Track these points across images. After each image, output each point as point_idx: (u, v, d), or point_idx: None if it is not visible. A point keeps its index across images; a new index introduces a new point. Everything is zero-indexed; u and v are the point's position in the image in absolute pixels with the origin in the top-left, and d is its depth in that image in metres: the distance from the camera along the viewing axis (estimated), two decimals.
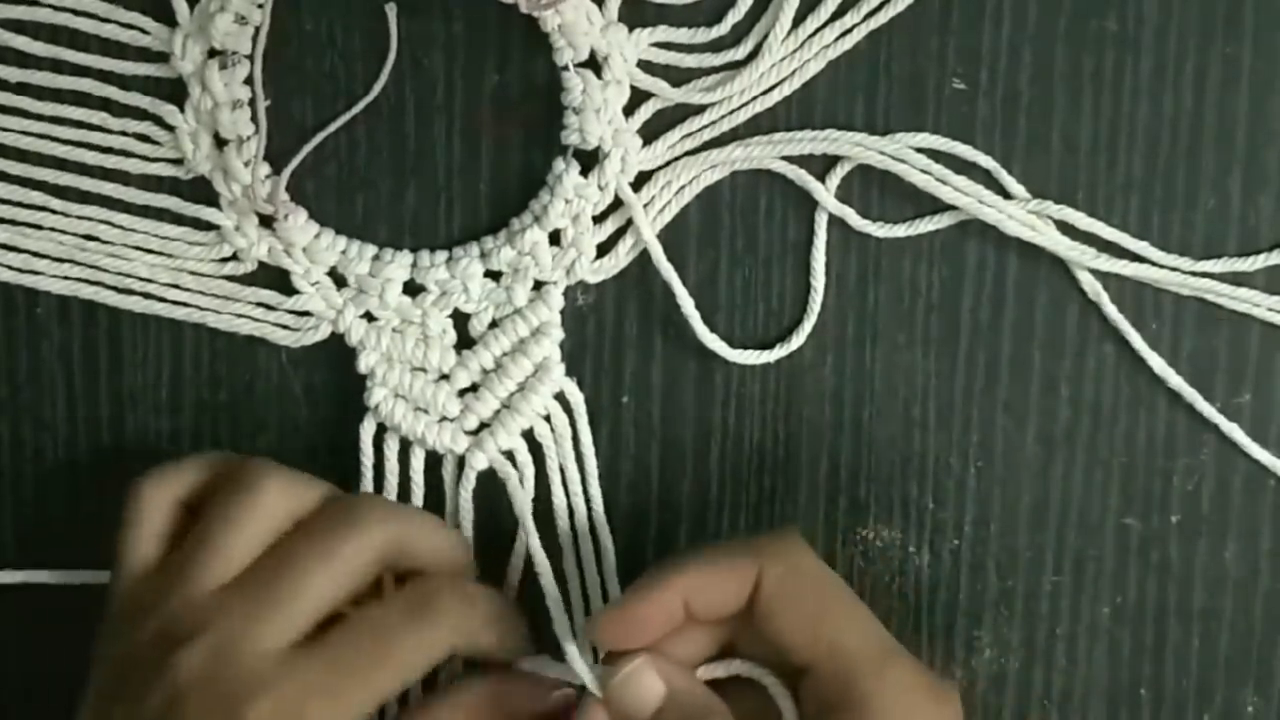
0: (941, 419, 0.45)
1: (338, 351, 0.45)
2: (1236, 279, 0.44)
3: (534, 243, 0.44)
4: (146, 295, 0.45)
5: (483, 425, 0.45)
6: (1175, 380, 0.44)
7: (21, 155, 0.45)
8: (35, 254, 0.45)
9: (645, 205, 0.44)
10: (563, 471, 0.45)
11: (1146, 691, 0.46)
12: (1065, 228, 0.44)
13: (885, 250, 0.45)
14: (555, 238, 0.45)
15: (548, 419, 0.45)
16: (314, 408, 0.46)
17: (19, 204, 0.45)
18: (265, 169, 0.44)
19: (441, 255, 0.45)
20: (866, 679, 0.40)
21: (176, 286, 0.45)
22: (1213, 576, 0.45)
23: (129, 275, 0.45)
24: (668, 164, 0.44)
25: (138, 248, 0.45)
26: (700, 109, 0.44)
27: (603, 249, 0.45)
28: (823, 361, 0.45)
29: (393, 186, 0.45)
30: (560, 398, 0.45)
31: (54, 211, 0.45)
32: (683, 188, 0.44)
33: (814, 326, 0.45)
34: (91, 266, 0.45)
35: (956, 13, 0.44)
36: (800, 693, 0.41)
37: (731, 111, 0.44)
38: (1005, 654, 0.46)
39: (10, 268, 0.45)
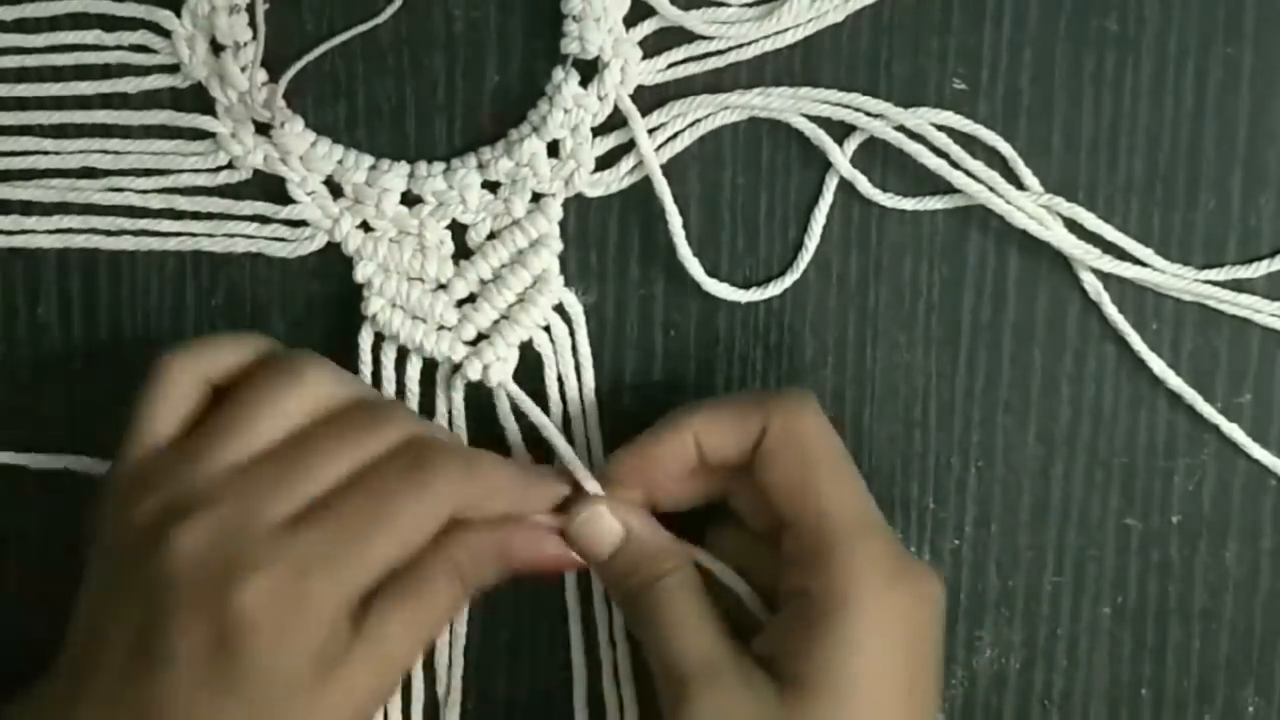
0: (941, 419, 0.45)
1: (334, 263, 0.45)
2: (1238, 285, 0.44)
3: (532, 153, 0.44)
4: (139, 233, 0.45)
5: (481, 336, 0.45)
6: (1175, 381, 0.44)
7: (17, 102, 0.45)
8: (25, 212, 0.45)
9: (653, 131, 0.44)
10: (561, 383, 0.45)
11: (1147, 691, 0.46)
12: (1071, 226, 0.44)
13: (886, 249, 0.45)
14: (554, 149, 0.44)
15: (547, 330, 0.45)
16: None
17: (11, 153, 0.45)
18: (262, 75, 0.44)
19: (439, 166, 0.45)
20: (840, 547, 0.39)
21: (171, 213, 0.45)
22: (1213, 576, 0.45)
23: (122, 209, 0.45)
24: (685, 90, 0.44)
25: (133, 170, 0.45)
26: (709, 37, 0.44)
27: (605, 164, 0.45)
28: (823, 362, 0.45)
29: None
30: (560, 309, 0.45)
31: (47, 152, 0.45)
32: (695, 121, 0.44)
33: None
34: (84, 210, 0.45)
35: (957, 13, 0.44)
36: (782, 544, 0.41)
37: (739, 46, 0.44)
38: (1006, 654, 0.46)
39: (2, 232, 0.45)
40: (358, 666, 0.39)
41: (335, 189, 0.45)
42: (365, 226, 0.45)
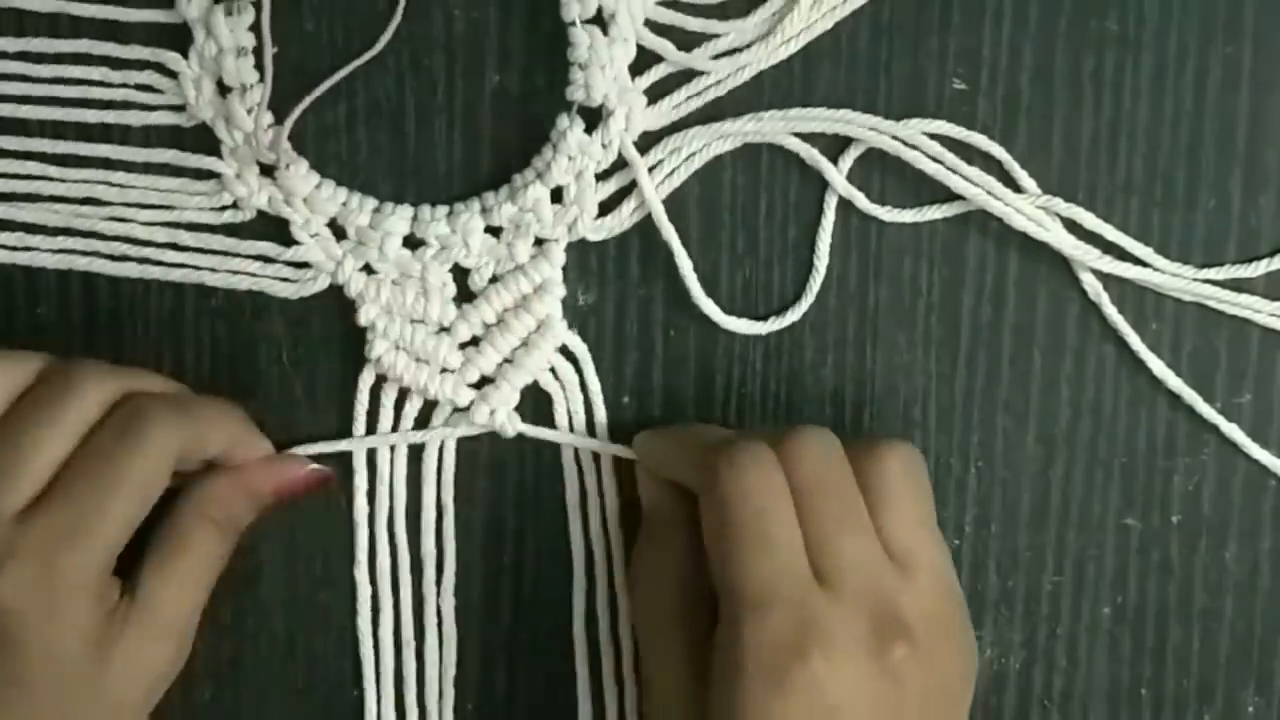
0: (941, 419, 0.45)
1: (336, 305, 0.45)
2: (1237, 284, 0.44)
3: (536, 199, 0.44)
4: (143, 261, 0.45)
5: (485, 379, 0.45)
6: (1175, 381, 0.44)
7: (21, 126, 0.45)
8: (29, 230, 0.45)
9: (652, 169, 0.44)
10: (570, 420, 0.45)
11: (1147, 691, 0.46)
12: (1071, 226, 0.44)
13: (886, 250, 0.45)
14: (558, 195, 0.44)
15: (553, 372, 0.45)
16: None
17: (15, 175, 0.45)
18: (268, 117, 0.44)
19: (442, 210, 0.45)
20: (728, 619, 0.39)
21: (174, 246, 0.45)
22: (1213, 577, 0.45)
23: (126, 239, 0.45)
24: (677, 130, 0.44)
25: (136, 204, 0.45)
26: (705, 73, 0.44)
27: (607, 209, 0.45)
28: (823, 362, 0.45)
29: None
30: (564, 351, 0.45)
31: (51, 179, 0.45)
32: (692, 155, 0.44)
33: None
34: (88, 235, 0.45)
35: (957, 12, 0.44)
36: None
37: (737, 71, 0.44)
38: (1005, 654, 0.46)
39: (5, 247, 0.45)
40: (133, 636, 0.40)
41: (339, 231, 0.45)
42: (368, 269, 0.45)
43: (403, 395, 0.45)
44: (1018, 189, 0.44)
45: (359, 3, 0.44)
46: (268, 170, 0.45)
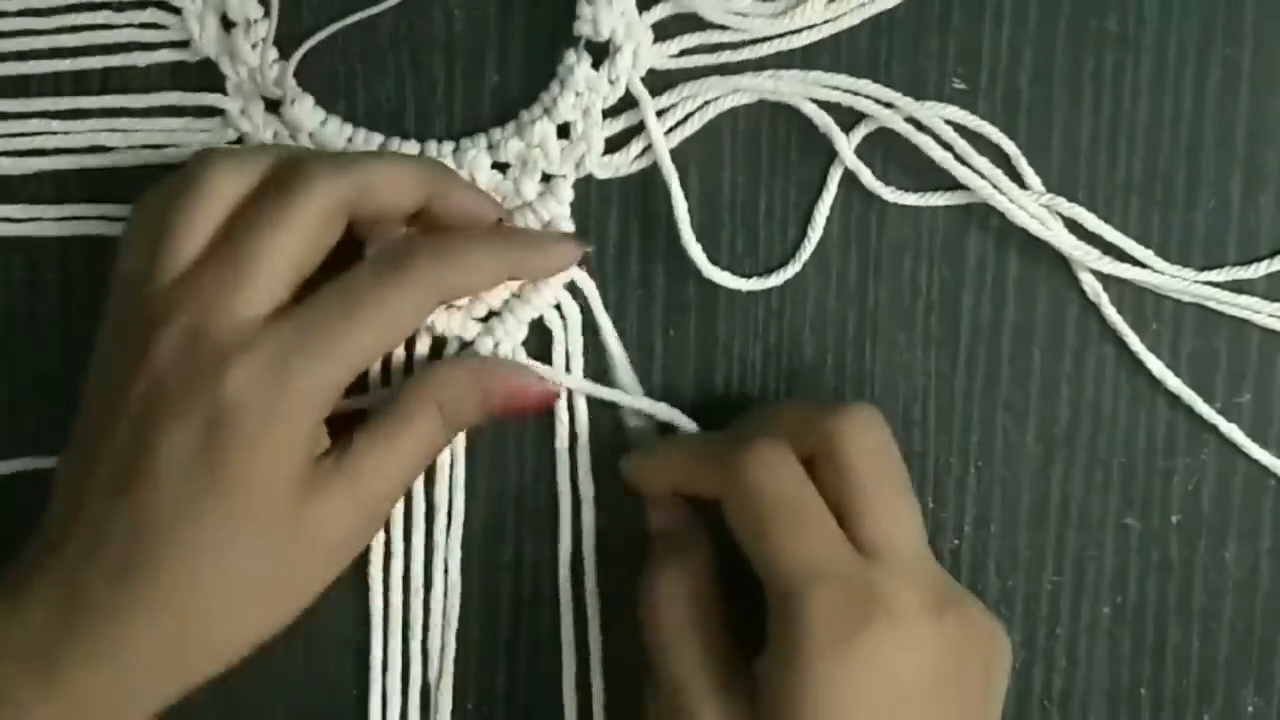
0: (941, 419, 0.45)
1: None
2: (1237, 286, 0.44)
3: (543, 135, 0.44)
4: None
5: (491, 313, 0.45)
6: (1175, 381, 0.44)
7: (24, 85, 0.45)
8: (33, 200, 0.45)
9: (662, 113, 0.44)
10: (568, 360, 0.45)
11: (1147, 691, 0.46)
12: (1072, 226, 0.44)
13: (886, 248, 0.45)
14: (564, 131, 0.45)
15: (558, 308, 0.45)
16: None
17: (17, 134, 0.45)
18: (273, 53, 0.44)
19: (448, 146, 0.45)
20: (782, 602, 0.39)
21: None
22: (1213, 576, 0.45)
23: (128, 201, 0.45)
24: (694, 77, 0.44)
25: (142, 147, 0.45)
26: (721, 26, 0.44)
27: (614, 147, 0.45)
28: (823, 361, 0.45)
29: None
30: (571, 287, 0.45)
31: (54, 133, 0.45)
32: (706, 104, 0.44)
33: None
34: (90, 197, 0.45)
35: (956, 13, 0.44)
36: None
37: (752, 42, 0.44)
38: None
39: (8, 220, 0.45)
40: (339, 496, 0.39)
41: None
42: None
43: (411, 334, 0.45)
44: (1023, 185, 0.44)
45: None
46: (273, 106, 0.45)
